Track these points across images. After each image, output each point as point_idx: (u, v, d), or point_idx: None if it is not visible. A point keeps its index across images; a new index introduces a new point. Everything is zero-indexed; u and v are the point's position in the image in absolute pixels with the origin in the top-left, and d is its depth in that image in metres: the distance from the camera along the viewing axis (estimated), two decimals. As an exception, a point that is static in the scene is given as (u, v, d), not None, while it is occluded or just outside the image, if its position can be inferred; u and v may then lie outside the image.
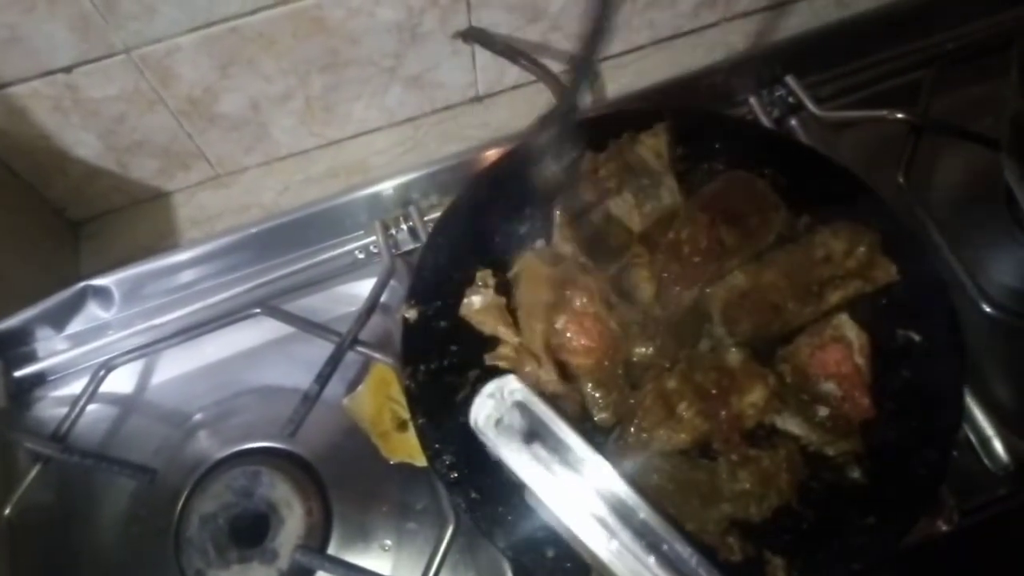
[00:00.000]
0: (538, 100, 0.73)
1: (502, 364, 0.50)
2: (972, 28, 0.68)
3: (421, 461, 0.52)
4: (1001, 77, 0.51)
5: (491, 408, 0.43)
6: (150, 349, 0.58)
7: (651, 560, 0.39)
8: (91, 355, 0.60)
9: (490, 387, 0.44)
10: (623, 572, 0.40)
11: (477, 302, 0.51)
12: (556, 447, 0.41)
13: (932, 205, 0.59)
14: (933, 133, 0.60)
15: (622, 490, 0.42)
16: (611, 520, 0.41)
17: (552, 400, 0.49)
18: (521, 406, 0.43)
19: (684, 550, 0.40)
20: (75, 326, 0.64)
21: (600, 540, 0.41)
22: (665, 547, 0.40)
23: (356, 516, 0.55)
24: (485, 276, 0.52)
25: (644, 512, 0.41)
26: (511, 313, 0.51)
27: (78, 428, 0.56)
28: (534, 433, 0.42)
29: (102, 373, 0.57)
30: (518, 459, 0.42)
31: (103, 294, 0.63)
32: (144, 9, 0.56)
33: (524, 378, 0.49)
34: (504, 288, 0.53)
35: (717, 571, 0.40)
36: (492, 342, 0.51)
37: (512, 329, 0.50)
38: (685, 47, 0.77)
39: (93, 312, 0.64)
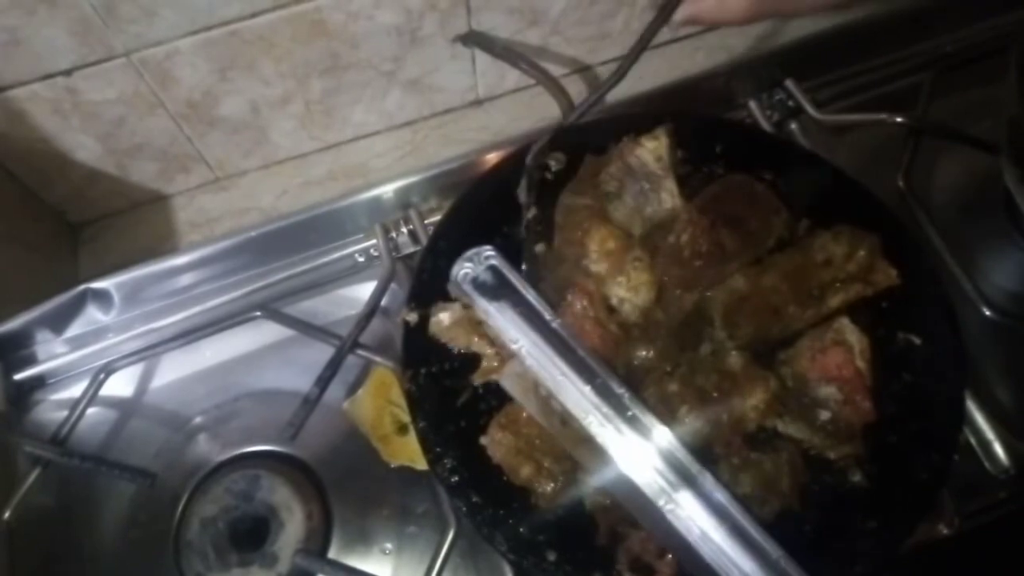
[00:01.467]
0: (538, 104, 0.73)
1: (493, 378, 0.50)
2: (971, 31, 0.68)
3: (422, 465, 0.52)
4: (1000, 81, 0.51)
5: (469, 268, 0.50)
6: (150, 352, 0.58)
7: (588, 389, 0.46)
8: (91, 358, 0.60)
9: (469, 252, 0.51)
10: (575, 406, 0.46)
11: (446, 319, 0.51)
12: (519, 302, 0.49)
13: (932, 208, 0.59)
14: (932, 137, 0.60)
15: (577, 344, 0.48)
16: (568, 370, 0.47)
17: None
18: (493, 269, 0.50)
19: (614, 385, 0.47)
20: (75, 329, 0.63)
21: (558, 384, 0.47)
22: (599, 381, 0.47)
23: (356, 520, 0.55)
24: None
25: (591, 360, 0.47)
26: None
27: (78, 431, 0.56)
28: (501, 291, 0.50)
29: (102, 376, 0.57)
30: (491, 309, 0.49)
31: (103, 297, 0.63)
32: (144, 12, 0.56)
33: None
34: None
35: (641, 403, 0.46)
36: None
37: (485, 340, 0.50)
38: (685, 51, 0.77)
39: (93, 315, 0.64)
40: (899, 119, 0.59)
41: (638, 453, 0.45)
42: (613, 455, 0.45)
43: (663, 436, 0.45)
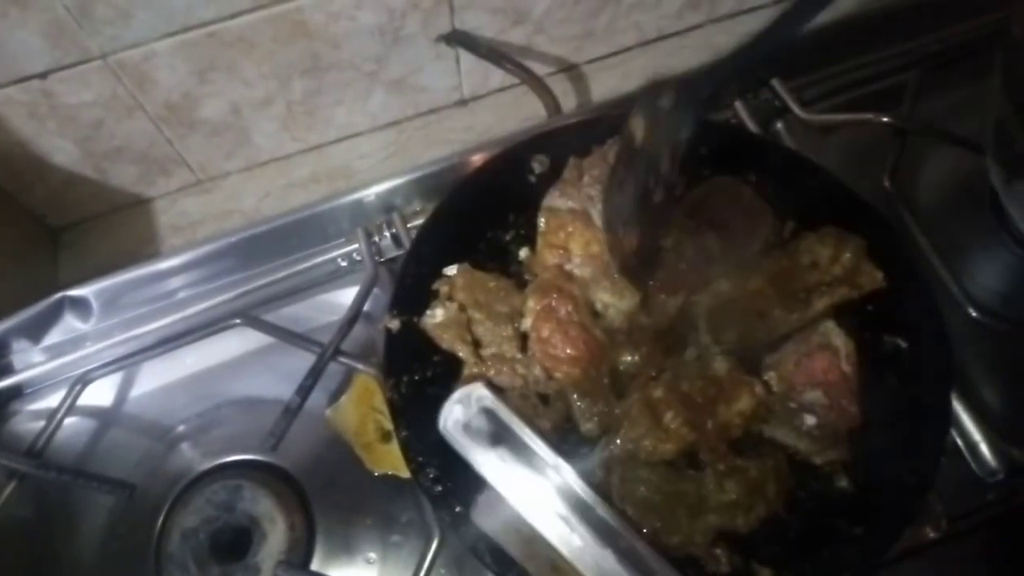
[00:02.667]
0: (524, 103, 0.73)
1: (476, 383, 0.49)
2: (956, 31, 0.68)
3: (405, 473, 0.51)
4: (985, 80, 0.51)
5: (459, 413, 0.46)
6: (129, 361, 0.57)
7: (609, 553, 0.42)
8: (69, 367, 0.59)
9: (458, 394, 0.47)
10: (583, 566, 0.42)
11: (439, 315, 0.50)
12: (520, 450, 0.45)
13: (918, 209, 0.59)
14: (918, 136, 0.60)
15: (581, 488, 0.44)
16: (571, 517, 0.43)
17: (539, 406, 0.49)
18: (488, 412, 0.46)
19: (640, 545, 0.43)
20: (52, 337, 0.62)
21: (562, 535, 0.43)
22: (622, 542, 0.43)
23: (340, 529, 0.54)
24: (451, 287, 0.52)
25: (601, 509, 0.44)
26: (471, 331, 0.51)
27: (55, 442, 0.55)
28: (499, 437, 0.45)
29: (79, 386, 0.56)
30: (484, 460, 0.45)
31: (81, 304, 0.62)
32: (119, 14, 0.55)
33: (507, 382, 0.49)
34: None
35: (671, 567, 0.42)
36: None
37: (471, 347, 0.50)
38: (671, 49, 0.76)
39: (71, 323, 0.62)
40: (885, 119, 0.59)
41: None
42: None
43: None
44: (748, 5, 0.76)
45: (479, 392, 0.46)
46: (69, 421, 0.57)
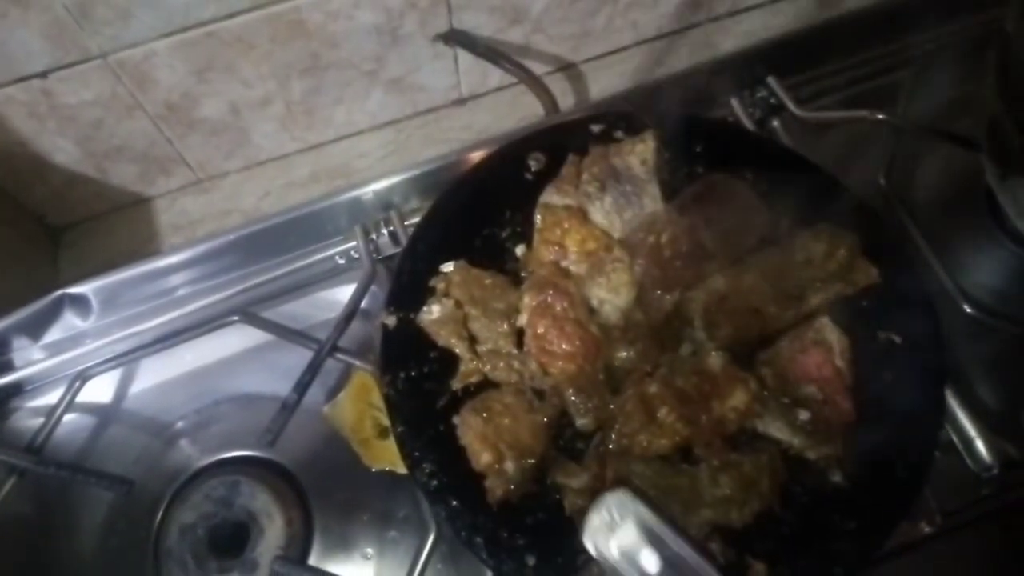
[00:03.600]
0: (523, 102, 0.73)
1: (472, 380, 0.50)
2: (951, 29, 0.68)
3: (403, 469, 0.51)
4: (980, 78, 0.51)
5: (606, 530, 0.39)
6: (128, 358, 0.58)
7: None
8: (68, 364, 0.59)
9: (596, 515, 0.40)
10: None
11: (436, 311, 0.51)
12: (673, 559, 0.39)
13: (913, 206, 0.59)
14: (913, 134, 0.60)
15: None
16: None
17: (534, 402, 0.49)
18: (635, 521, 0.40)
19: None
20: (52, 335, 0.63)
21: None
22: None
23: (337, 525, 0.55)
24: (448, 284, 0.52)
25: None
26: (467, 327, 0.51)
27: (55, 439, 0.56)
28: (652, 545, 0.39)
29: (78, 383, 0.56)
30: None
31: (80, 302, 0.62)
32: (119, 14, 0.56)
33: (503, 378, 0.49)
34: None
35: None
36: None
37: (467, 343, 0.50)
38: (669, 48, 0.77)
39: (70, 321, 0.63)
40: (880, 116, 0.59)
41: None
42: None
43: None
44: (745, 4, 0.76)
45: (620, 498, 0.40)
46: (69, 418, 0.57)
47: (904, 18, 0.67)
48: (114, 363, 0.58)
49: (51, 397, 0.58)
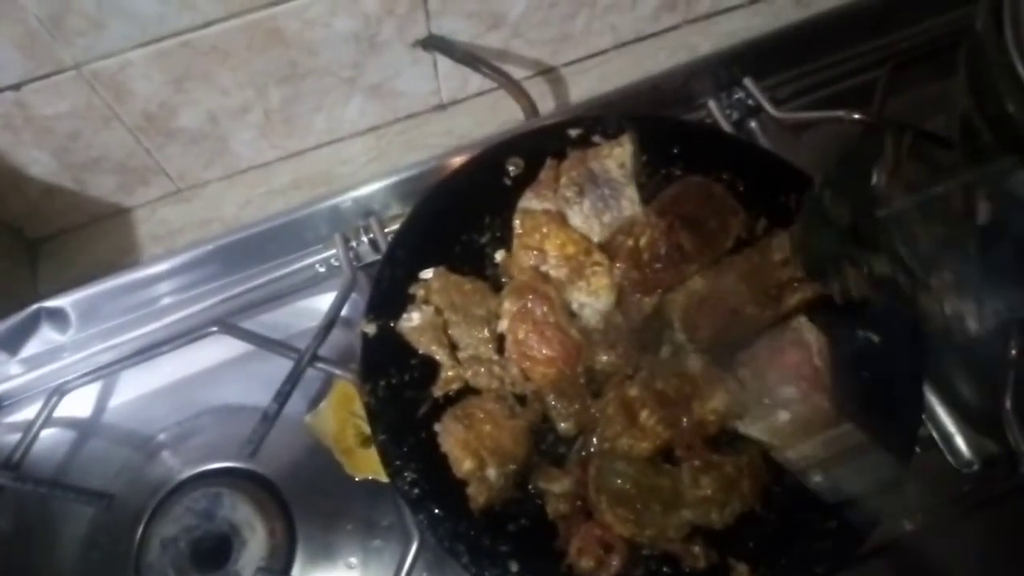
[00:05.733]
0: (503, 107, 0.73)
1: (453, 387, 0.50)
2: (925, 27, 0.68)
3: (386, 477, 0.51)
4: (954, 76, 0.52)
5: None
6: (106, 371, 0.57)
7: None
8: (46, 379, 0.59)
9: None
10: None
11: (416, 318, 0.51)
12: None
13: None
14: (888, 133, 0.60)
15: None
16: None
17: (515, 407, 0.49)
18: None
19: None
20: (29, 349, 0.62)
21: None
22: None
23: (320, 535, 0.54)
24: (427, 290, 0.52)
25: None
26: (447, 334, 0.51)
27: (33, 454, 0.55)
28: None
29: (55, 398, 0.56)
30: None
31: (58, 316, 0.62)
32: (92, 25, 0.55)
33: (484, 384, 0.49)
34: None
35: None
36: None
37: (447, 350, 0.50)
38: (648, 50, 0.77)
39: (48, 335, 0.62)
40: (856, 116, 0.60)
41: None
42: None
43: None
44: (724, 5, 0.77)
45: None
46: (48, 432, 0.57)
47: (878, 19, 0.68)
48: (92, 376, 0.57)
49: (28, 412, 0.58)
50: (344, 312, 0.57)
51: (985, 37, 0.45)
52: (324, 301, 0.62)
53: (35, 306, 0.61)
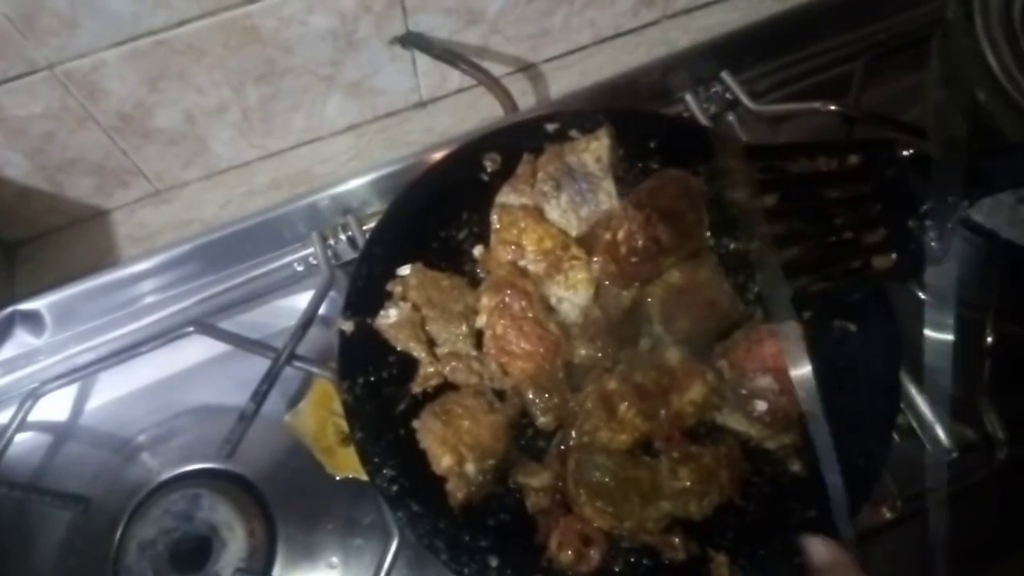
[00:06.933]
0: (483, 104, 0.73)
1: (432, 383, 0.49)
2: (901, 19, 0.69)
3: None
4: (927, 67, 0.52)
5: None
6: (83, 373, 0.57)
7: None
8: (22, 382, 0.58)
9: None
10: None
11: (393, 315, 0.50)
12: None
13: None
14: (865, 123, 0.61)
15: None
16: None
17: (494, 402, 0.48)
18: None
19: None
20: (4, 353, 0.61)
21: None
22: None
23: (301, 535, 0.54)
24: (405, 287, 0.52)
25: None
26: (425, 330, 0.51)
27: (8, 458, 0.54)
28: None
29: (29, 402, 0.55)
30: None
31: (32, 319, 0.61)
32: (64, 24, 0.55)
33: (463, 379, 0.49)
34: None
35: None
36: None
37: (425, 346, 0.50)
38: (627, 46, 0.77)
39: (22, 338, 0.61)
40: (833, 107, 0.60)
41: None
42: None
43: None
44: (702, 0, 0.77)
45: None
46: (24, 436, 0.56)
47: (854, 11, 0.68)
48: (67, 379, 0.56)
49: (2, 416, 0.57)
50: (322, 311, 0.57)
51: (956, 25, 0.45)
52: (300, 300, 0.62)
53: (9, 309, 0.60)
